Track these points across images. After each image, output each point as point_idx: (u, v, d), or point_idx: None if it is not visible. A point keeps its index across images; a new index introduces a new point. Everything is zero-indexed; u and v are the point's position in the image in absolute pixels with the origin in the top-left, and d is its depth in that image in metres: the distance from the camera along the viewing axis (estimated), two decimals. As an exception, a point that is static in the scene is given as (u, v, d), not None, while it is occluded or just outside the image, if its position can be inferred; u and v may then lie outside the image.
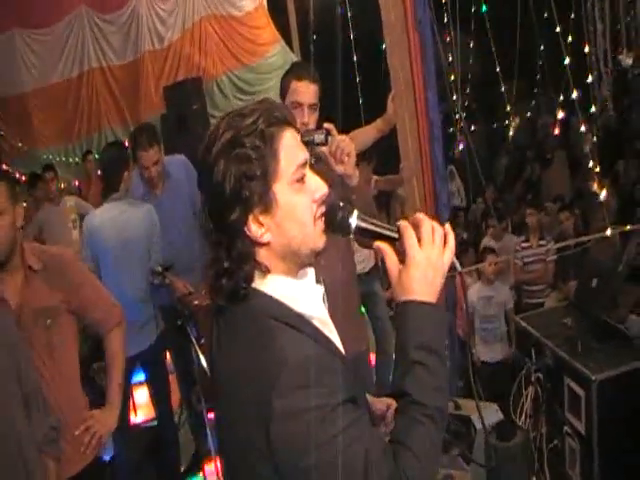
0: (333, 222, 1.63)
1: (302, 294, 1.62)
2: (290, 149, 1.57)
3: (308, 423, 1.41)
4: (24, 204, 3.03)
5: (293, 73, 3.36)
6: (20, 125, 9.76)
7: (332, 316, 3.34)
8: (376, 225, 1.68)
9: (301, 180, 1.58)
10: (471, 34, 9.23)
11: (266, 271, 1.57)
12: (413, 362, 1.54)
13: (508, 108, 9.36)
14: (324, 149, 3.15)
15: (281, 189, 1.55)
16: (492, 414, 3.42)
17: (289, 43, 9.87)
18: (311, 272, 1.73)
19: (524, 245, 6.87)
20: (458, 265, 1.65)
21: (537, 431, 3.70)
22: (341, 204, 1.66)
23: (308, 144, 3.15)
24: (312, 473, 1.43)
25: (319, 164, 3.29)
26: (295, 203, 1.57)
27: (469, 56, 9.50)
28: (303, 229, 1.58)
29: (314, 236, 1.61)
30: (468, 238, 8.25)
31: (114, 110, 9.88)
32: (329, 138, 3.13)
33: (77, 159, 9.61)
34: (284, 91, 3.34)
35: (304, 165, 1.59)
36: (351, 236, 1.68)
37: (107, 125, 9.73)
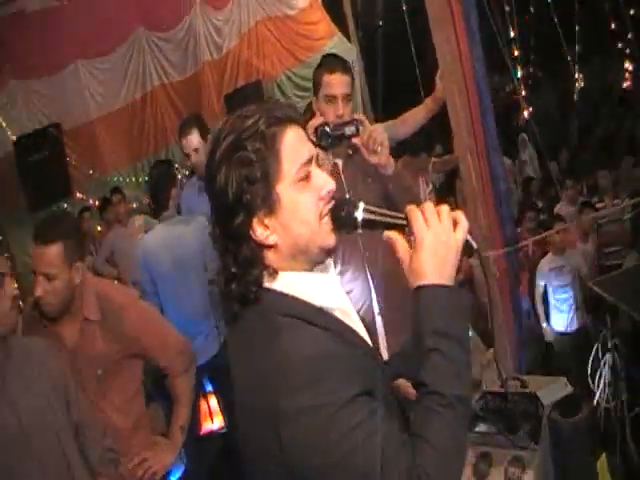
0: (339, 219, 1.60)
1: (318, 286, 1.59)
2: (292, 148, 1.54)
3: (318, 421, 1.38)
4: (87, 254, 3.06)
5: (324, 66, 3.36)
6: (90, 153, 10.01)
7: (382, 306, 3.31)
8: (383, 215, 1.63)
9: (306, 178, 1.55)
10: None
11: (274, 274, 1.55)
12: (429, 350, 1.48)
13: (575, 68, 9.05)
14: (357, 140, 3.12)
15: (284, 189, 1.52)
16: (560, 388, 3.28)
17: (346, 34, 9.84)
18: (329, 263, 1.68)
19: (599, 206, 6.61)
20: (474, 243, 1.60)
21: (617, 400, 3.53)
22: (345, 198, 1.64)
23: (340, 137, 3.13)
24: (326, 472, 1.40)
25: (356, 155, 3.26)
26: (299, 202, 1.54)
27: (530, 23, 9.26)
28: (309, 228, 1.55)
29: (322, 234, 1.57)
30: (543, 206, 8.01)
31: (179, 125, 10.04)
32: (360, 129, 3.11)
33: (146, 177, 9.73)
34: (317, 85, 3.34)
35: (309, 162, 1.56)
36: (359, 231, 1.63)
37: (173, 141, 9.89)
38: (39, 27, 9.21)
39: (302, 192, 1.54)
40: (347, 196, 1.66)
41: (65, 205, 9.38)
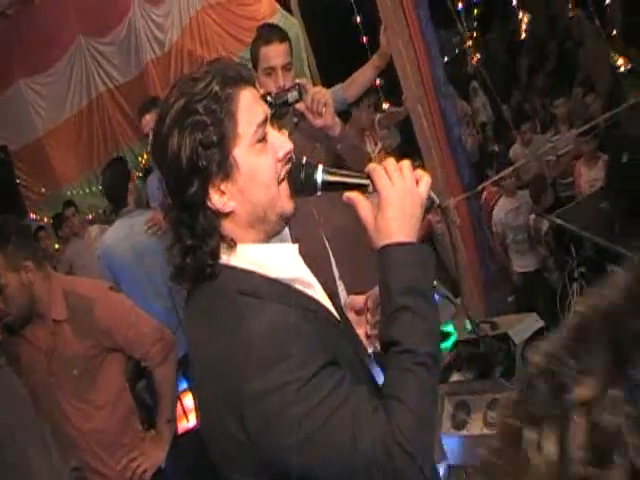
0: (297, 182, 1.55)
1: (276, 258, 1.53)
2: (248, 109, 1.48)
3: (284, 399, 1.34)
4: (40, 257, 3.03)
5: (260, 38, 3.33)
6: (40, 170, 9.90)
7: (340, 263, 3.28)
8: (344, 175, 1.61)
9: (263, 139, 1.50)
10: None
11: (233, 244, 1.48)
12: (399, 308, 1.45)
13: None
14: (301, 106, 3.10)
15: (241, 153, 1.47)
16: (531, 324, 3.24)
17: (287, 9, 9.74)
18: (286, 233, 1.65)
19: (555, 138, 6.59)
20: (436, 198, 1.59)
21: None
22: (303, 161, 1.59)
23: (284, 105, 3.08)
24: (297, 450, 1.35)
25: (302, 122, 3.21)
26: (258, 165, 1.49)
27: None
28: (268, 192, 1.50)
29: (281, 199, 1.53)
30: (499, 150, 8.00)
31: (128, 128, 9.93)
32: (303, 93, 3.08)
33: (100, 186, 9.62)
34: (255, 60, 3.30)
35: (264, 122, 1.51)
36: (319, 193, 1.59)
37: (124, 145, 9.80)
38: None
39: (260, 154, 1.49)
40: (304, 159, 1.61)
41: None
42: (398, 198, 1.49)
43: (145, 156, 9.30)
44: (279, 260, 1.54)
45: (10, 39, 9.35)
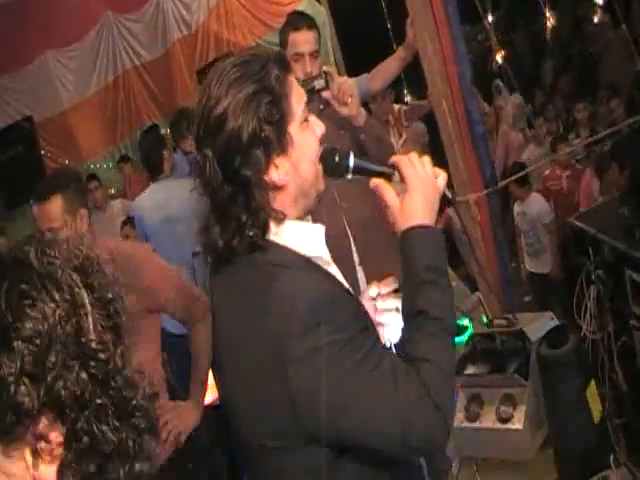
0: (330, 165, 1.68)
1: (307, 236, 1.64)
2: (297, 89, 1.63)
3: (326, 360, 1.43)
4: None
5: (289, 25, 3.39)
6: (64, 143, 9.95)
7: (360, 249, 3.36)
8: (372, 163, 1.75)
9: (307, 119, 1.64)
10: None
11: (282, 217, 1.58)
12: (424, 282, 1.58)
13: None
14: (327, 94, 3.16)
15: (294, 129, 1.60)
16: (546, 322, 3.31)
17: (315, -3, 9.71)
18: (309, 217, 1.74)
19: (576, 142, 6.58)
20: (449, 193, 1.76)
21: (604, 331, 3.54)
22: (335, 146, 1.74)
23: (310, 92, 3.14)
24: (339, 410, 1.44)
25: (328, 109, 3.27)
26: (306, 141, 1.63)
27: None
28: (314, 168, 1.64)
29: (320, 176, 1.67)
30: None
31: (153, 105, 9.97)
32: (329, 82, 3.13)
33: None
34: (283, 45, 3.37)
35: (306, 104, 1.66)
36: (349, 177, 1.72)
37: (148, 121, 9.82)
38: (4, 22, 9.09)
39: (306, 132, 1.63)
40: (337, 146, 1.75)
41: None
42: (423, 186, 1.63)
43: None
44: (310, 238, 1.64)
45: (38, 11, 9.37)
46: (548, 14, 10.34)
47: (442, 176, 1.70)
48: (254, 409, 1.55)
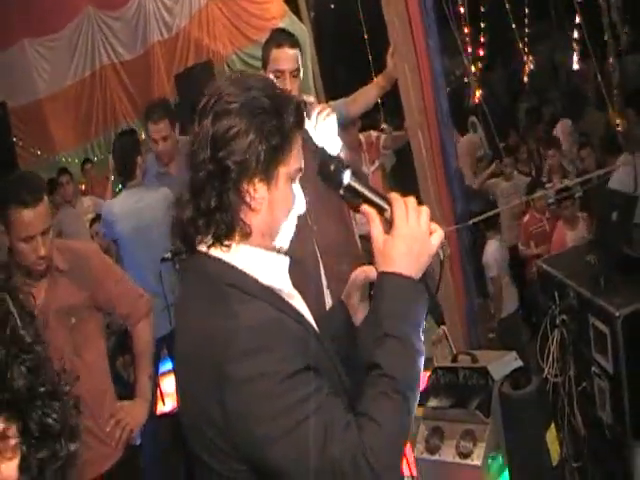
0: (326, 171, 1.66)
1: (270, 266, 1.62)
2: (298, 149, 1.61)
3: (264, 389, 1.40)
4: None
5: (272, 41, 3.38)
6: (38, 133, 9.88)
7: (326, 276, 3.36)
8: (368, 189, 1.68)
9: (294, 181, 1.62)
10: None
11: (249, 232, 1.57)
12: (386, 334, 1.51)
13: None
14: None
15: (283, 174, 1.58)
16: (510, 362, 3.32)
17: (297, 14, 9.77)
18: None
19: (548, 186, 6.72)
20: (442, 253, 1.67)
21: (565, 375, 3.59)
22: (336, 156, 1.73)
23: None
24: (268, 443, 1.41)
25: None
26: (287, 195, 1.61)
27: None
28: (286, 219, 1.62)
29: (288, 232, 1.66)
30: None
31: (129, 105, 9.95)
32: (310, 113, 3.14)
33: (96, 158, 9.71)
34: (265, 60, 3.36)
35: (301, 170, 1.64)
36: (341, 192, 1.68)
37: (123, 120, 9.80)
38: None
39: (289, 188, 1.61)
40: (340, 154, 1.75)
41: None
42: (409, 236, 1.57)
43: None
44: (272, 268, 1.62)
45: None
46: (526, 58, 10.60)
47: (438, 234, 1.61)
48: (195, 422, 1.53)
